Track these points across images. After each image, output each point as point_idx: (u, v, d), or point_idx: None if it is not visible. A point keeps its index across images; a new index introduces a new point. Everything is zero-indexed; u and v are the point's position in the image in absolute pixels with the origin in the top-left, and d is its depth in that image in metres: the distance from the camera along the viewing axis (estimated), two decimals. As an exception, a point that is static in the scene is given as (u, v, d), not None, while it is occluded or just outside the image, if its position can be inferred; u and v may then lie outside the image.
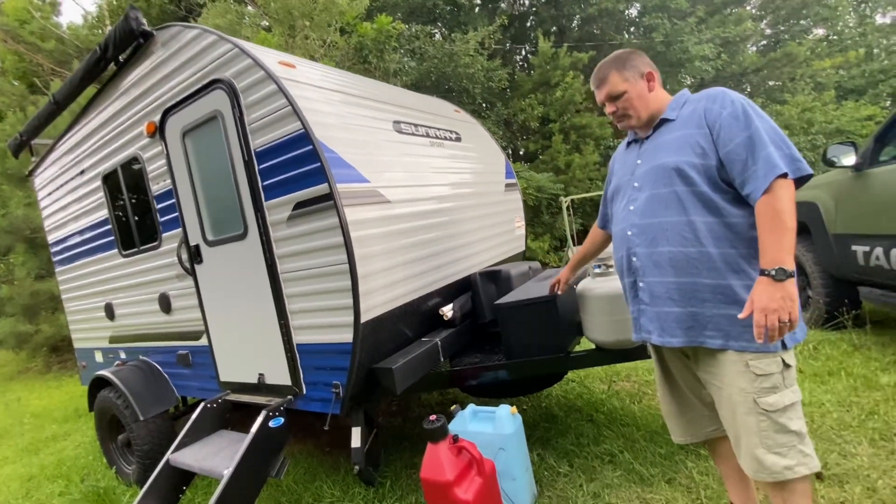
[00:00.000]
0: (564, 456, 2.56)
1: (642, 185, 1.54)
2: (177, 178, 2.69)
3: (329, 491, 2.59)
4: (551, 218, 11.38)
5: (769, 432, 1.33)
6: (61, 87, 3.22)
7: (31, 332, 7.35)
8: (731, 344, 1.38)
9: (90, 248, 3.56)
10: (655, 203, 1.48)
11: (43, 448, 4.17)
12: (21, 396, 6.41)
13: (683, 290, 1.43)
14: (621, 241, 1.61)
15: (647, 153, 1.56)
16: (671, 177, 1.44)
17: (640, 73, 1.56)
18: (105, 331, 3.63)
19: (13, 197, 7.29)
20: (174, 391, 3.16)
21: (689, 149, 1.43)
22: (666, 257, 1.45)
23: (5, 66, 10.32)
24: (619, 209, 1.64)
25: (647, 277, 1.51)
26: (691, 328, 1.43)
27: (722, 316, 1.39)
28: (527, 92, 13.49)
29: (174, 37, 2.53)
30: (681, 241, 1.42)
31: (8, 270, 8.26)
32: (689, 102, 1.52)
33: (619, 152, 1.81)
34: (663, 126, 1.54)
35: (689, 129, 1.45)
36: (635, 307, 1.60)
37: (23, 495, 3.28)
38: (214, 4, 8.77)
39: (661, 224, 1.47)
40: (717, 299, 1.39)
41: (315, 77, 2.46)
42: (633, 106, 1.56)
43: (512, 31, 17.18)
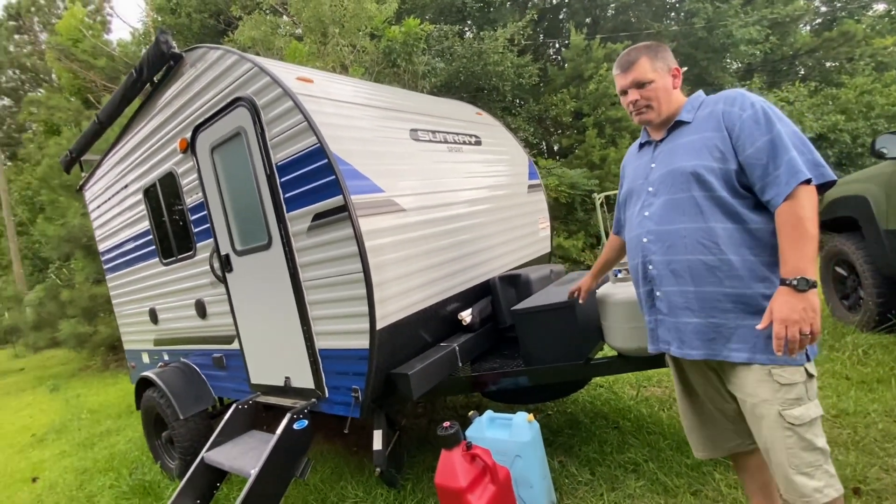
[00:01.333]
0: (587, 464, 2.53)
1: (657, 189, 1.49)
2: (207, 192, 2.83)
3: (353, 491, 2.66)
4: (586, 215, 11.15)
5: (796, 450, 1.27)
6: (104, 107, 3.46)
7: (89, 333, 7.93)
8: (757, 357, 1.32)
9: (135, 257, 3.80)
10: (672, 209, 1.43)
11: (97, 442, 4.50)
12: (80, 393, 6.93)
13: (703, 300, 1.38)
14: (636, 248, 1.55)
15: (662, 156, 1.51)
16: (688, 181, 1.39)
17: (668, 67, 1.51)
18: (150, 334, 3.87)
19: (70, 207, 7.87)
20: (211, 392, 3.33)
21: (706, 152, 1.38)
22: (684, 265, 1.40)
23: (61, 83, 11.14)
24: (633, 214, 1.59)
25: (665, 287, 1.46)
26: (713, 340, 1.38)
27: (746, 327, 1.33)
28: (559, 86, 13.26)
29: (201, 57, 2.66)
30: (700, 248, 1.37)
31: (69, 276, 8.95)
32: (705, 104, 1.47)
33: (630, 155, 1.76)
34: (678, 128, 1.49)
35: (707, 131, 1.40)
36: (652, 317, 1.55)
37: (77, 487, 3.56)
38: (250, 17, 9.11)
39: (678, 231, 1.41)
40: (739, 309, 1.33)
41: (332, 90, 2.53)
42: (657, 98, 1.49)
43: (544, 24, 16.91)
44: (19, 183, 15.30)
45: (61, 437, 4.91)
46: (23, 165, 15.51)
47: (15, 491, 3.76)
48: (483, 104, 10.77)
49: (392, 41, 8.67)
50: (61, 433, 5.06)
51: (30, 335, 8.97)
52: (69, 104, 10.33)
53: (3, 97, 18.81)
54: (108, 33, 13.31)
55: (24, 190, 14.88)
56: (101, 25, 11.69)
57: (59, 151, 7.53)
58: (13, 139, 18.20)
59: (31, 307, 9.02)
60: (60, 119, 10.04)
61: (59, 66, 10.97)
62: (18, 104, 17.71)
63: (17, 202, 14.95)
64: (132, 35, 13.15)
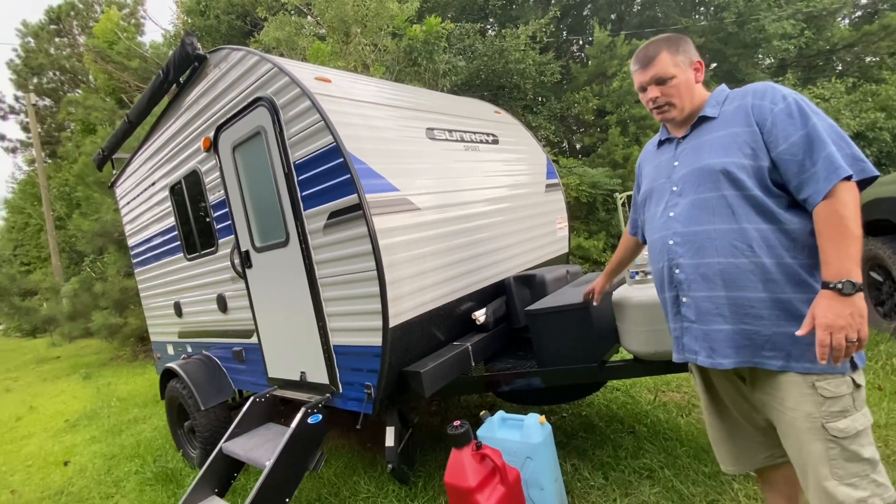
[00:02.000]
0: (600, 468, 2.49)
1: (683, 189, 1.40)
2: (229, 189, 2.90)
3: (365, 486, 2.70)
4: (607, 215, 10.97)
5: (840, 461, 1.20)
6: (133, 107, 3.58)
7: (120, 324, 8.24)
8: (793, 365, 1.24)
9: (161, 252, 3.93)
10: (700, 209, 1.35)
11: (125, 430, 4.68)
12: (110, 381, 7.21)
13: (736, 306, 1.30)
14: (661, 251, 1.46)
15: (686, 154, 1.43)
16: (718, 180, 1.31)
17: (691, 61, 1.43)
18: (175, 326, 4.00)
19: (104, 203, 8.19)
20: (231, 384, 3.42)
21: (736, 149, 1.30)
22: (715, 269, 1.32)
23: (97, 83, 11.59)
24: (656, 216, 1.50)
25: (693, 292, 1.37)
26: (745, 347, 1.30)
27: (782, 334, 1.25)
28: (582, 84, 13.08)
29: (224, 58, 2.73)
30: (732, 251, 1.29)
31: (102, 269, 9.31)
32: (730, 99, 1.39)
33: (647, 153, 1.68)
34: (703, 125, 1.41)
35: (735, 127, 1.32)
36: (677, 325, 1.46)
37: (105, 471, 3.71)
38: (275, 18, 9.28)
39: (707, 232, 1.33)
40: (775, 315, 1.26)
41: (350, 90, 2.56)
42: (679, 95, 1.41)
43: (567, 21, 16.68)
44: (58, 180, 16.00)
45: (92, 424, 5.12)
46: (61, 163, 16.20)
47: (48, 473, 3.94)
48: (504, 102, 10.72)
49: (413, 40, 8.70)
50: (92, 419, 5.28)
51: (65, 325, 9.38)
52: (104, 104, 10.74)
53: (44, 97, 19.66)
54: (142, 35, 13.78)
55: (62, 186, 15.54)
56: (134, 28, 12.11)
57: (94, 149, 7.83)
58: (53, 137, 19.02)
59: (67, 298, 9.43)
60: (96, 118, 10.45)
61: (96, 67, 11.41)
62: (58, 104, 18.49)
63: (55, 198, 15.64)
64: (164, 37, 13.57)
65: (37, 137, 15.35)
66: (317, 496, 2.72)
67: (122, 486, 3.38)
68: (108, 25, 11.09)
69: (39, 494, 3.52)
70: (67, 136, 15.45)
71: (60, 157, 16.56)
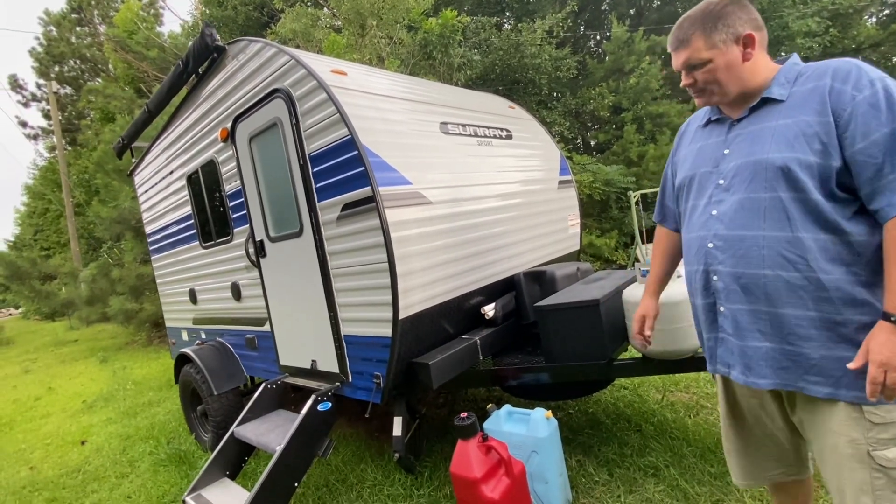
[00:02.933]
0: (605, 464, 2.51)
1: (731, 183, 1.22)
2: (245, 180, 2.95)
3: (372, 474, 2.74)
4: (620, 213, 10.88)
5: (886, 492, 1.09)
6: (153, 97, 3.64)
7: (136, 310, 8.42)
8: (841, 393, 1.11)
9: (177, 240, 4.01)
10: (750, 211, 1.18)
11: (140, 412, 4.81)
12: (126, 365, 7.39)
13: (780, 324, 1.16)
14: (698, 253, 1.31)
15: (740, 141, 1.23)
16: (776, 178, 1.13)
17: (736, 36, 1.18)
18: (189, 313, 4.08)
19: (122, 191, 8.35)
20: (244, 371, 3.49)
21: (803, 142, 1.10)
22: (759, 281, 1.17)
23: (117, 73, 11.77)
24: (696, 211, 1.32)
25: (732, 304, 1.24)
26: (785, 369, 1.17)
27: (832, 358, 1.11)
28: (598, 80, 12.92)
29: (242, 50, 2.77)
30: (781, 262, 1.13)
31: (119, 255, 9.51)
32: (805, 77, 1.17)
33: (689, 130, 1.45)
34: (766, 107, 1.20)
35: (806, 114, 1.12)
36: (712, 335, 1.33)
37: (120, 452, 3.82)
38: (291, 10, 9.31)
39: (755, 239, 1.17)
40: (825, 337, 1.11)
41: (365, 83, 2.58)
42: (717, 80, 1.22)
43: (585, 16, 16.48)
44: (77, 167, 16.32)
45: (108, 405, 5.27)
46: (81, 150, 16.52)
47: (66, 451, 4.07)
48: (518, 97, 10.66)
49: (429, 33, 8.67)
50: (108, 401, 5.43)
51: (83, 309, 9.61)
52: (123, 93, 10.93)
53: (65, 86, 20.01)
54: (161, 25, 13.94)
55: (81, 173, 15.86)
56: (154, 18, 12.28)
57: (113, 138, 7.98)
58: (73, 125, 19.37)
59: (85, 283, 9.65)
60: (115, 107, 10.64)
61: (116, 56, 11.60)
62: (78, 92, 18.82)
63: (75, 185, 15.96)
64: (182, 27, 13.71)
65: (57, 125, 15.65)
66: (324, 482, 2.77)
67: (136, 466, 3.48)
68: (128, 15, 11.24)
69: (58, 472, 3.64)
70: (87, 124, 15.74)
71: (80, 144, 16.88)
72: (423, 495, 2.48)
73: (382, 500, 2.50)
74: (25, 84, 22.06)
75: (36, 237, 23.05)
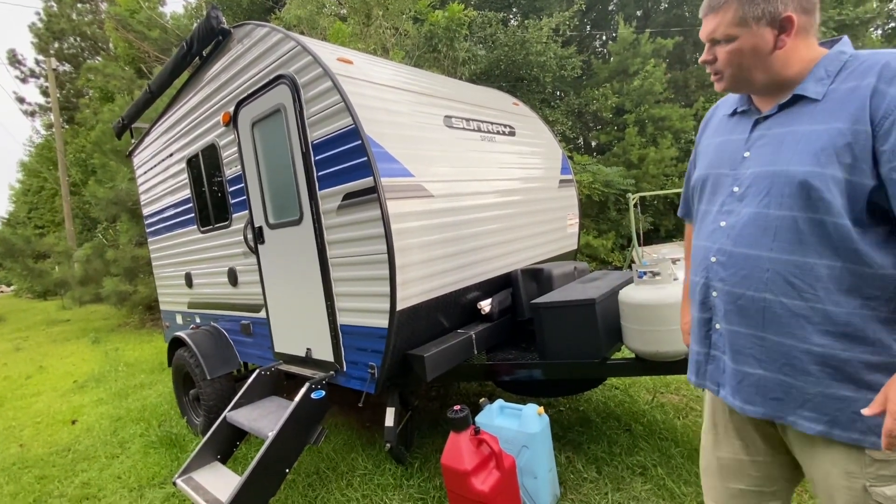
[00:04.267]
0: (594, 462, 2.54)
1: (746, 194, 1.09)
2: (246, 165, 2.94)
3: (363, 464, 2.76)
4: (618, 215, 10.93)
5: None
6: (155, 78, 3.61)
7: (130, 292, 8.38)
8: (835, 433, 1.00)
9: (175, 223, 3.99)
10: (760, 228, 1.05)
11: (131, 394, 4.80)
12: (118, 347, 7.37)
13: (776, 353, 1.05)
14: (700, 264, 1.21)
15: (763, 145, 1.08)
16: (793, 195, 0.99)
17: (773, 17, 1.00)
18: (185, 297, 4.07)
19: (119, 172, 8.28)
20: (237, 356, 3.50)
21: (832, 154, 0.95)
22: (757, 306, 1.06)
23: (117, 52, 11.63)
24: (707, 217, 1.21)
25: (729, 324, 1.14)
26: (778, 400, 1.07)
27: (829, 397, 1.00)
28: (602, 81, 12.93)
29: (248, 34, 2.75)
30: (785, 288, 1.01)
31: (114, 236, 9.45)
32: (849, 72, 0.98)
33: (714, 118, 1.29)
34: (797, 105, 1.03)
35: (840, 121, 0.95)
36: (702, 349, 1.24)
37: (111, 433, 3.82)
38: (297, -5, 9.22)
39: (760, 260, 1.05)
40: (824, 374, 1.00)
41: (371, 73, 2.57)
42: (739, 64, 1.05)
43: (592, 15, 16.43)
44: (75, 146, 16.16)
45: (99, 386, 5.26)
46: (78, 129, 16.35)
47: (56, 430, 4.07)
48: (522, 94, 10.63)
49: (434, 26, 8.63)
50: (100, 382, 5.42)
51: (76, 289, 9.56)
52: (124, 73, 10.80)
53: (64, 63, 19.76)
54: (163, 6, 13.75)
55: (78, 152, 15.70)
56: (156, -3, 12.13)
57: (112, 118, 7.91)
58: (71, 103, 19.15)
59: (79, 263, 9.59)
60: (115, 87, 10.52)
61: (117, 35, 11.45)
62: (77, 70, 18.58)
63: (71, 163, 15.81)
64: (185, 8, 13.55)
65: (56, 102, 15.48)
66: (315, 469, 2.79)
67: (127, 447, 3.49)
68: (132, -7, 11.10)
69: (47, 450, 3.64)
70: (86, 103, 15.57)
71: (78, 123, 16.69)
72: (412, 485, 2.50)
73: (372, 489, 2.52)
74: (24, 60, 21.81)
75: (30, 215, 22.85)
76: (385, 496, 2.44)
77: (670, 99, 13.10)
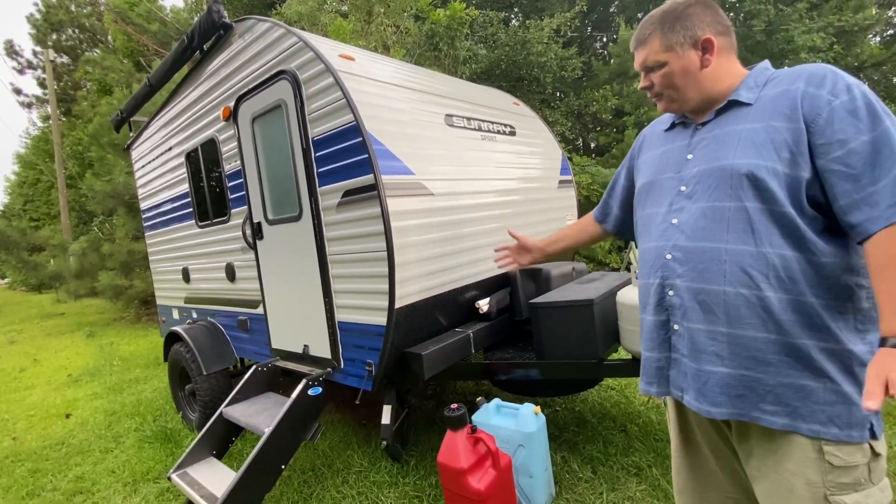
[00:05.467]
0: (589, 462, 2.54)
1: (694, 191, 1.13)
2: (245, 160, 2.93)
3: (358, 461, 2.76)
4: (615, 216, 10.92)
5: None
6: (155, 71, 3.59)
7: (126, 286, 8.34)
8: (798, 425, 1.02)
9: (173, 217, 3.97)
10: (713, 221, 1.08)
11: (126, 388, 4.78)
12: (113, 341, 7.34)
13: (738, 346, 1.06)
14: (654, 264, 1.20)
15: (705, 146, 1.15)
16: (741, 186, 1.04)
17: (694, 40, 1.12)
18: (181, 292, 4.06)
19: (117, 165, 8.23)
20: (234, 352, 3.49)
21: (771, 148, 1.02)
22: (719, 299, 1.07)
23: (116, 44, 11.57)
24: (656, 219, 1.22)
25: (689, 322, 1.13)
26: (741, 397, 1.07)
27: (788, 385, 1.02)
28: (602, 82, 12.96)
29: (249, 29, 2.73)
30: (744, 279, 1.04)
31: (110, 230, 9.40)
32: (774, 81, 1.09)
33: (651, 134, 1.38)
34: (732, 111, 1.12)
35: (775, 119, 1.03)
36: (663, 354, 1.20)
37: (105, 427, 3.81)
38: (298, -9, 9.18)
39: (717, 252, 1.07)
40: (783, 363, 1.02)
41: (373, 70, 2.56)
42: (673, 85, 1.16)
43: (593, 17, 16.45)
44: (72, 138, 16.07)
45: (94, 380, 5.23)
46: (76, 121, 16.26)
47: (50, 424, 4.05)
48: (522, 95, 10.63)
49: (436, 24, 8.62)
50: (94, 376, 5.39)
51: (72, 283, 9.51)
52: (122, 66, 10.74)
53: (62, 54, 19.65)
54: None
55: (75, 145, 15.62)
56: (156, -10, 12.05)
57: (110, 110, 7.87)
58: (69, 95, 19.05)
59: (74, 256, 9.54)
60: (113, 79, 10.46)
61: (116, 28, 11.38)
62: (76, 62, 18.48)
63: (68, 156, 15.72)
64: (185, 2, 13.48)
65: (53, 94, 15.38)
66: (311, 466, 2.79)
67: (121, 442, 3.47)
68: (131, -14, 11.03)
69: (41, 443, 3.62)
70: (83, 95, 15.47)
71: (75, 115, 16.60)
72: (408, 483, 2.50)
73: (368, 486, 2.52)
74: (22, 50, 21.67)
75: (26, 207, 22.71)
76: (381, 494, 2.44)
77: (670, 102, 13.11)
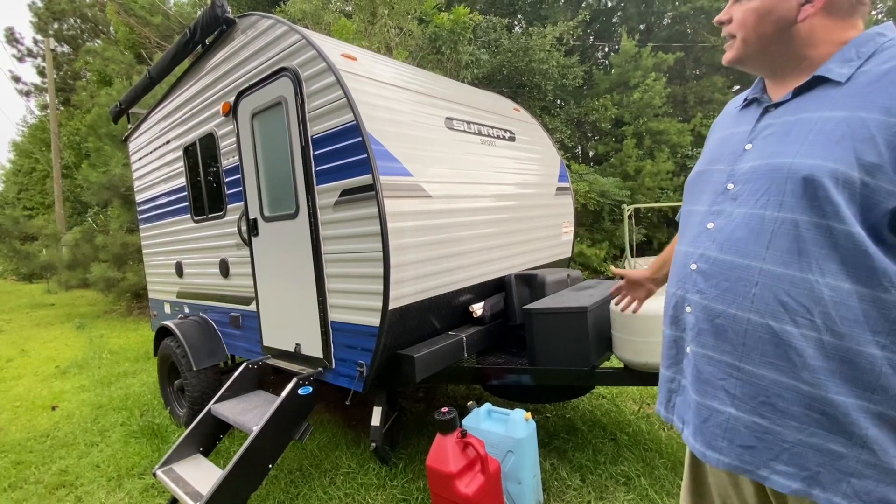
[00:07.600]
0: (578, 470, 2.54)
1: (740, 192, 0.90)
2: (244, 156, 2.91)
3: (347, 462, 2.74)
4: (613, 225, 10.99)
5: None
6: (156, 64, 3.58)
7: (118, 279, 8.28)
8: (814, 492, 0.81)
9: (168, 211, 3.95)
10: (753, 232, 0.86)
11: (114, 382, 4.73)
12: (103, 333, 7.27)
13: (754, 388, 0.85)
14: (678, 273, 1.02)
15: (767, 136, 0.90)
16: (795, 193, 0.81)
17: None
18: (174, 286, 4.03)
19: (114, 157, 8.18)
20: (225, 348, 3.46)
21: (850, 148, 0.77)
22: (741, 327, 0.86)
23: (118, 36, 11.53)
24: (694, 220, 1.01)
25: (699, 346, 0.94)
26: (750, 449, 0.86)
27: (812, 447, 0.81)
28: (602, 91, 13.04)
29: (252, 25, 2.73)
30: (776, 309, 0.82)
31: (105, 222, 9.34)
32: (885, 54, 0.81)
33: (726, 114, 1.12)
34: (816, 89, 0.86)
35: (866, 109, 0.78)
36: (672, 373, 1.05)
37: (92, 420, 3.76)
38: (303, -11, 9.19)
39: (749, 271, 0.86)
40: (810, 420, 0.80)
41: (375, 70, 2.56)
42: (755, 28, 0.90)
43: (595, 26, 16.57)
44: (69, 128, 15.97)
45: (82, 373, 5.17)
46: (74, 111, 16.17)
47: (36, 415, 4.00)
48: (522, 101, 10.68)
49: (439, 27, 8.65)
50: (82, 368, 5.33)
51: (63, 273, 9.42)
52: (123, 57, 10.70)
53: (62, 44, 19.55)
54: (167, -8, 13.68)
55: (72, 135, 15.53)
56: (160, -17, 12.03)
57: (109, 102, 7.82)
58: (68, 85, 18.94)
59: (67, 247, 9.46)
60: (113, 71, 10.42)
61: (118, 19, 11.35)
62: (76, 52, 18.40)
63: (65, 146, 15.62)
64: (189, -4, 13.43)
65: (52, 83, 15.29)
66: (298, 466, 2.76)
67: (107, 436, 3.43)
68: (135, -23, 11.01)
69: (25, 435, 3.57)
70: (83, 86, 15.39)
71: (74, 105, 16.51)
72: (396, 486, 2.48)
73: (356, 488, 2.50)
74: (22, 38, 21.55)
75: (20, 196, 22.53)
76: (368, 496, 2.43)
77: (669, 113, 13.23)
